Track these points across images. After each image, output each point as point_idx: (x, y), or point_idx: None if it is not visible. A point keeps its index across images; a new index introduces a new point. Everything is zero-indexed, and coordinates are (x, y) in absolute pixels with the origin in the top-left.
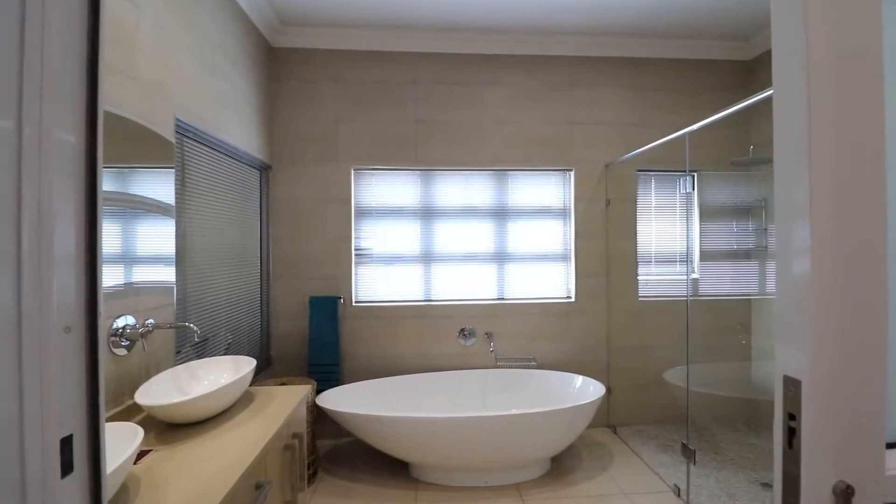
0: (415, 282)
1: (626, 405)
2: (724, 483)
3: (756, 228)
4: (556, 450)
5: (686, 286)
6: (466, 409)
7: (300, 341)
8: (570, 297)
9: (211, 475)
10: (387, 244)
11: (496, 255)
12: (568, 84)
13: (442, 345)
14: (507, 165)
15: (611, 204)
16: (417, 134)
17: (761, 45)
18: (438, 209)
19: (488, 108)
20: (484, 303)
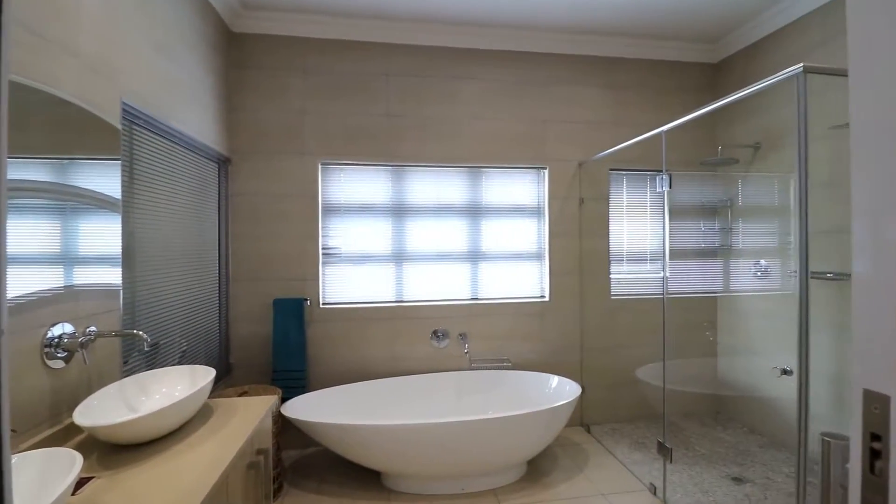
0: (386, 282)
1: (599, 404)
2: (698, 479)
3: (722, 228)
4: (534, 452)
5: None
6: (441, 413)
7: (263, 347)
8: (544, 297)
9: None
10: (356, 243)
11: (470, 254)
12: (542, 81)
13: (414, 347)
14: (481, 162)
15: (584, 203)
16: (389, 128)
17: (727, 49)
18: (411, 207)
19: (462, 104)
20: (457, 303)
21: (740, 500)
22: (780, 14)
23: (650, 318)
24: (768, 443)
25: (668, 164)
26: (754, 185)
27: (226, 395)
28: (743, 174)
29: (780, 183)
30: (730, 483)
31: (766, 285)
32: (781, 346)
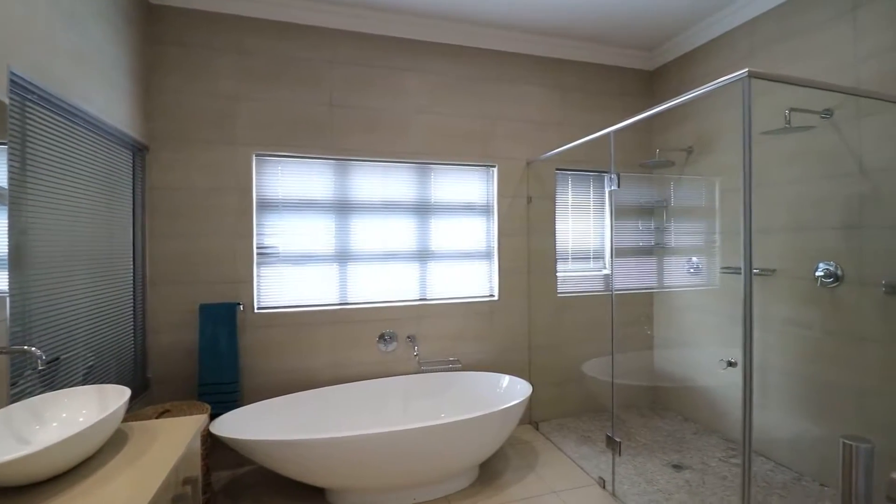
0: (329, 283)
1: (546, 400)
2: (641, 469)
3: (657, 227)
4: (487, 454)
5: (607, 281)
6: (390, 420)
7: (188, 358)
8: (493, 296)
9: None
10: (296, 241)
11: (418, 252)
12: (491, 78)
13: (360, 352)
14: (429, 158)
15: (532, 201)
16: (333, 119)
17: (662, 58)
18: (355, 203)
19: (410, 97)
20: (405, 304)
21: (681, 486)
22: (711, 27)
23: (594, 315)
24: (701, 429)
25: (607, 166)
26: (686, 187)
27: (143, 416)
28: (677, 176)
29: (709, 185)
30: (671, 471)
31: (697, 281)
32: (712, 338)
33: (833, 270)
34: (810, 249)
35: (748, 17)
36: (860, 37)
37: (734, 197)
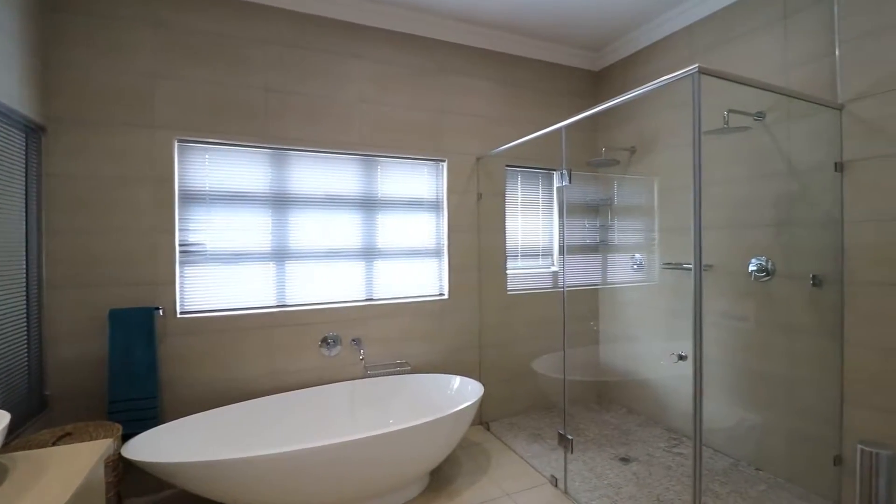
0: (265, 284)
1: (497, 399)
2: (591, 464)
3: (602, 225)
4: (438, 461)
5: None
6: (334, 430)
7: (96, 371)
8: (443, 295)
9: None
10: (227, 238)
11: (364, 250)
12: (440, 70)
13: (301, 358)
14: (375, 150)
15: (482, 198)
16: (268, 104)
17: (607, 58)
18: (295, 196)
19: (354, 84)
20: (350, 305)
21: (630, 479)
22: (652, 31)
23: (543, 312)
24: (645, 421)
25: (557, 164)
26: (629, 186)
27: (37, 442)
28: (620, 176)
29: (649, 184)
30: (619, 464)
31: (640, 277)
32: (654, 332)
33: (765, 265)
34: (744, 245)
35: (687, 23)
36: (790, 44)
37: (672, 196)
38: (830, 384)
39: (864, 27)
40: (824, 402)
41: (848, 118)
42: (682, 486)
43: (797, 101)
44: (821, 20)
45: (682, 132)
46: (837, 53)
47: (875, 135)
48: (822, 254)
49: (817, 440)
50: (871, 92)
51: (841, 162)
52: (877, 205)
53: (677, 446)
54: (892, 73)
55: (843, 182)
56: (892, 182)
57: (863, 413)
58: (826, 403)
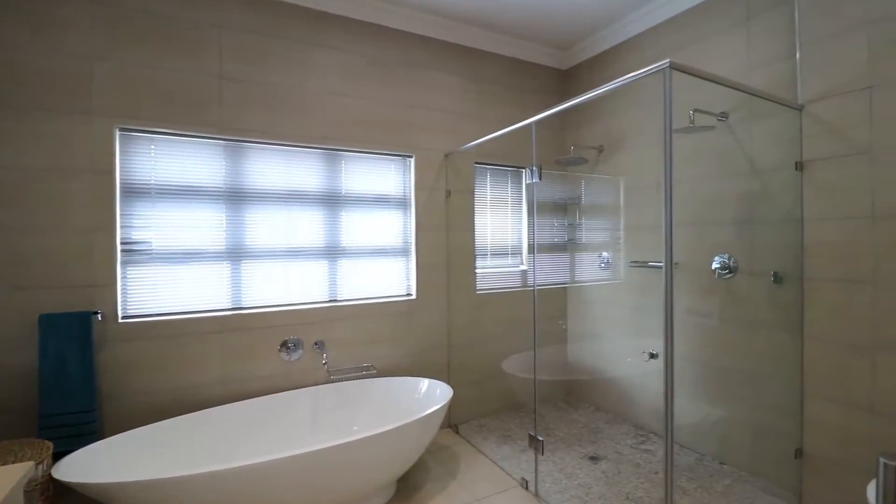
0: (219, 285)
1: (466, 401)
2: (561, 464)
3: (570, 223)
4: (406, 467)
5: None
6: (294, 439)
7: (24, 383)
8: (410, 294)
9: None
10: (176, 236)
11: (327, 249)
12: (409, 63)
13: (258, 364)
14: (340, 145)
15: (451, 195)
16: (223, 93)
17: (575, 57)
18: (252, 192)
19: (318, 75)
20: (312, 307)
21: (599, 478)
22: (618, 31)
23: (512, 312)
24: (613, 418)
25: (526, 162)
26: (596, 185)
27: None
28: (588, 175)
29: (615, 183)
30: (588, 463)
31: (607, 275)
32: (621, 330)
33: (728, 263)
34: (708, 243)
35: (654, 23)
36: (752, 46)
37: (638, 194)
38: (791, 378)
39: (823, 30)
40: (785, 395)
41: (807, 119)
42: (650, 484)
43: (759, 102)
44: (782, 23)
45: (648, 131)
46: (798, 55)
47: (833, 135)
48: (783, 251)
49: (779, 433)
50: (830, 93)
51: (801, 161)
52: (835, 203)
53: (644, 443)
54: (850, 76)
55: (803, 181)
56: (848, 181)
57: (822, 406)
58: (787, 397)
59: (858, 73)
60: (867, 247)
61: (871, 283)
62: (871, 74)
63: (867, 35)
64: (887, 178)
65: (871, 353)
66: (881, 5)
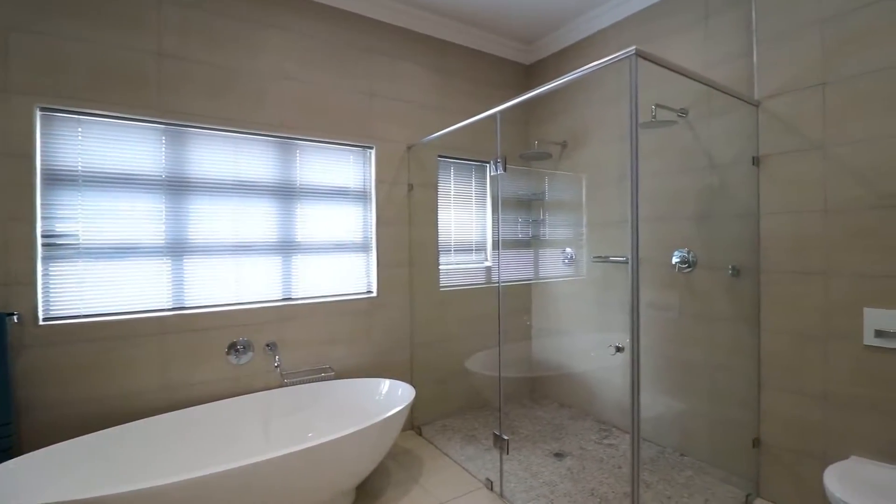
0: (158, 283)
1: (429, 401)
2: (526, 462)
3: (534, 220)
4: (366, 473)
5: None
6: (244, 449)
7: None
8: (371, 292)
9: None
10: (107, 229)
11: (281, 244)
12: (370, 50)
13: (203, 368)
14: (295, 133)
15: (413, 189)
16: (162, 72)
17: (539, 52)
18: (196, 181)
19: (271, 58)
20: (264, 305)
21: (564, 475)
22: (580, 27)
23: (476, 309)
24: (576, 413)
25: (490, 156)
26: (560, 181)
27: None
28: (551, 172)
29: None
30: (553, 460)
31: (571, 271)
32: (585, 325)
33: (687, 257)
34: (668, 238)
35: (616, 19)
36: (711, 44)
37: (601, 190)
38: (749, 369)
39: (779, 28)
40: (743, 386)
41: (764, 115)
42: (614, 478)
43: (718, 98)
44: (740, 21)
45: (611, 127)
46: (755, 53)
47: (788, 131)
48: (741, 245)
49: (737, 424)
50: (785, 90)
51: (758, 156)
52: (790, 197)
53: (608, 437)
54: (804, 72)
55: (760, 176)
56: (802, 175)
57: (778, 395)
58: (745, 388)
59: (812, 69)
60: (819, 239)
61: (824, 274)
62: (824, 71)
63: (820, 33)
64: (838, 173)
65: (823, 342)
66: (833, 4)
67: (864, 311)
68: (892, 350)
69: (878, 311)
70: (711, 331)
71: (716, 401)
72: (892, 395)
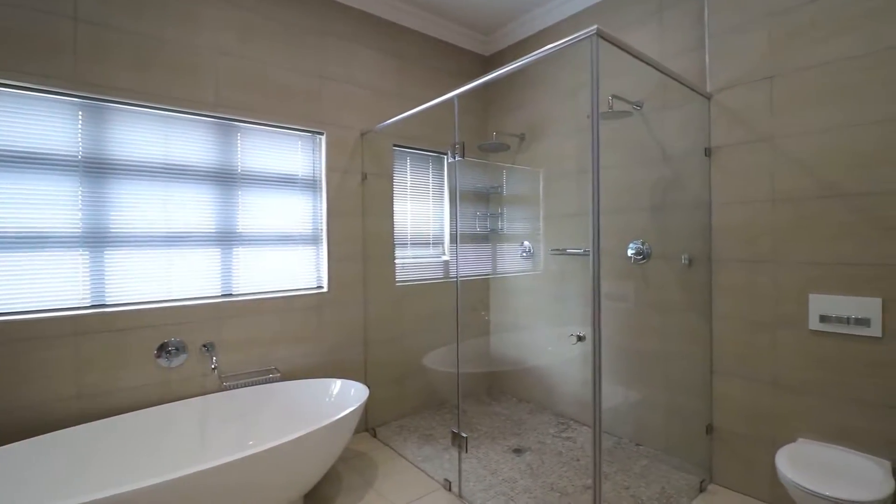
0: (73, 278)
1: (385, 401)
2: (485, 460)
3: (492, 213)
4: (314, 481)
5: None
6: (176, 460)
7: None
8: (321, 287)
9: None
10: (12, 216)
11: (220, 235)
12: (320, 30)
13: (129, 372)
14: (234, 114)
15: (367, 179)
16: (79, 39)
17: (497, 44)
18: (119, 163)
19: (207, 30)
20: (200, 302)
21: (524, 471)
22: (538, 19)
23: (434, 304)
24: (535, 408)
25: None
26: (518, 175)
27: None
28: (510, 166)
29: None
30: (512, 456)
31: (529, 264)
32: (542, 318)
33: (642, 248)
34: (624, 230)
35: (574, 11)
36: (665, 37)
37: (558, 183)
38: (702, 358)
39: (730, 22)
40: (696, 375)
41: (715, 107)
42: (573, 472)
43: (672, 91)
44: (693, 14)
45: (568, 121)
46: (707, 46)
47: (738, 123)
48: (694, 235)
49: (691, 412)
50: (735, 83)
51: (709, 148)
52: (740, 187)
53: (566, 430)
54: (752, 66)
55: (711, 167)
56: (752, 166)
57: (729, 382)
58: (698, 376)
59: (760, 63)
60: (768, 228)
61: (772, 262)
62: (772, 65)
63: (768, 28)
64: (785, 164)
65: (772, 328)
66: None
67: (809, 297)
68: (835, 334)
69: (822, 297)
70: (666, 320)
71: (670, 389)
72: (834, 378)
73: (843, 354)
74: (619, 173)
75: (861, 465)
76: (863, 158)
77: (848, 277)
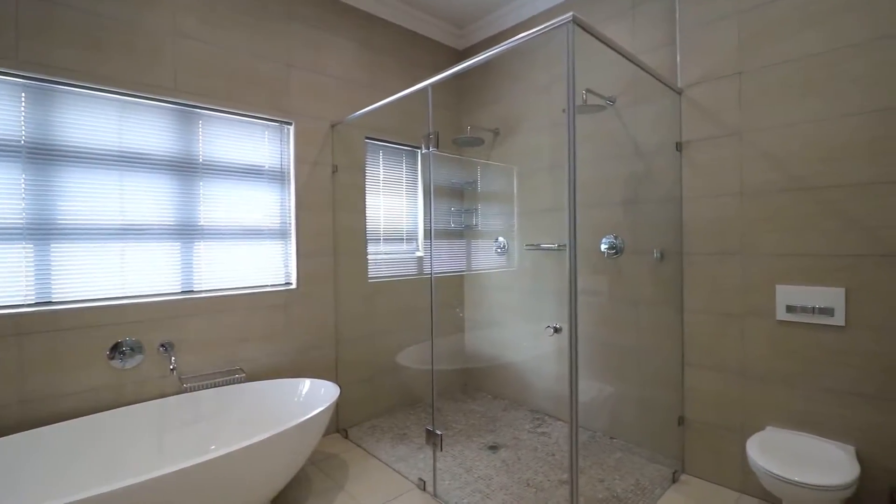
0: (15, 273)
1: (356, 401)
2: (460, 458)
3: (467, 209)
4: (281, 485)
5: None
6: (129, 467)
7: None
8: (289, 283)
9: None
10: None
11: (180, 228)
12: (288, 16)
13: (78, 374)
14: (195, 100)
15: (338, 171)
16: (21, 15)
17: (471, 38)
18: (68, 150)
19: (166, 11)
20: (158, 299)
21: (499, 467)
22: (509, 14)
23: (408, 301)
24: (509, 404)
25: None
26: (492, 170)
27: None
28: (485, 162)
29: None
30: (488, 453)
31: (504, 260)
32: (517, 314)
33: (615, 243)
34: (597, 224)
35: (548, 6)
36: (638, 32)
37: (532, 178)
38: (673, 350)
39: (699, 18)
40: (668, 367)
41: (686, 102)
42: (548, 467)
43: (644, 86)
44: (665, 10)
45: (542, 116)
46: (678, 42)
47: (708, 118)
48: (666, 229)
49: (663, 404)
50: (705, 78)
51: (680, 142)
52: (709, 181)
53: (541, 426)
54: (722, 62)
55: (682, 161)
56: (721, 161)
57: (700, 373)
58: (669, 368)
59: (729, 59)
60: (736, 221)
61: (740, 254)
62: (740, 61)
63: (737, 24)
64: (752, 158)
65: (741, 320)
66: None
67: (776, 288)
68: (801, 324)
69: (788, 288)
70: (638, 314)
71: (642, 382)
72: (800, 367)
73: (809, 344)
74: (593, 168)
75: (828, 450)
76: (828, 152)
77: (813, 268)
